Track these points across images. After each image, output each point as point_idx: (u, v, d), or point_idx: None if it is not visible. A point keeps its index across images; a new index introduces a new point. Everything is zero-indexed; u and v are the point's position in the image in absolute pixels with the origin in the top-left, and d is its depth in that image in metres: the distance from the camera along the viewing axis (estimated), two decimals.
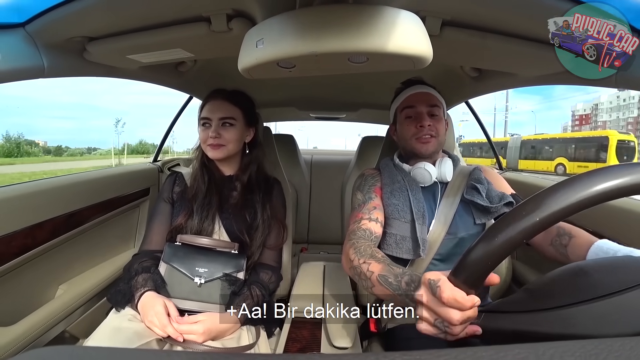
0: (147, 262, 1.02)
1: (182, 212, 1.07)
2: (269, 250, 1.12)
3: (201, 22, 0.78)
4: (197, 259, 0.99)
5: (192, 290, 0.96)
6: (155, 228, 1.09)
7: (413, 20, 0.60)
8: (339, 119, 2.45)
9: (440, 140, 1.06)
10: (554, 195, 0.42)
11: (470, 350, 0.22)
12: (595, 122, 64.76)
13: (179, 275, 0.97)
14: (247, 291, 0.98)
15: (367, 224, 0.94)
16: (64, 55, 0.86)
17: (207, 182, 1.10)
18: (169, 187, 1.14)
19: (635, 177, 0.40)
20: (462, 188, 1.02)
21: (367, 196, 1.03)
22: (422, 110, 1.05)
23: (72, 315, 1.10)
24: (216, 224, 1.07)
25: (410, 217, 0.96)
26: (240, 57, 0.67)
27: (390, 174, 1.07)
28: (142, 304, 0.90)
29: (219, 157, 1.10)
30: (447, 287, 0.51)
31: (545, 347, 0.22)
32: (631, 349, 0.21)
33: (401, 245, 0.95)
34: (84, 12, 0.72)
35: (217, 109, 1.09)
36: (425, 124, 1.03)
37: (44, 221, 1.02)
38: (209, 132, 1.07)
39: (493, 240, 0.44)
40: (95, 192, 1.25)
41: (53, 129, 78.36)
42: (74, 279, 1.18)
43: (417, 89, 1.09)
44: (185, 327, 0.87)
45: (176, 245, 1.02)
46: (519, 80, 1.10)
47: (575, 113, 74.69)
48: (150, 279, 0.95)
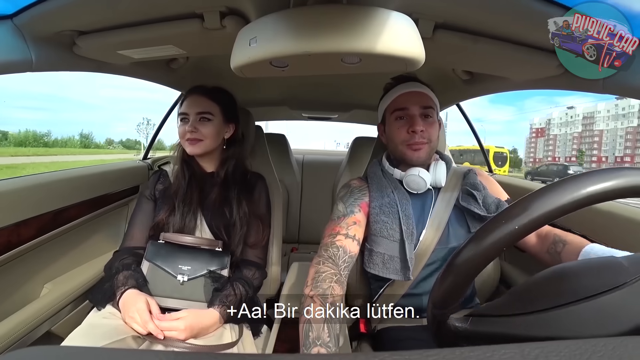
0: (128, 259, 1.01)
1: (163, 209, 1.06)
2: (252, 247, 1.11)
3: (194, 19, 0.78)
4: (180, 256, 0.99)
5: (174, 288, 0.96)
6: (137, 225, 1.09)
7: (406, 22, 0.60)
8: (331, 119, 2.45)
9: (433, 145, 0.99)
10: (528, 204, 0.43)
11: (458, 351, 0.23)
12: (548, 135, 75.71)
13: (161, 273, 0.97)
14: (230, 288, 0.97)
15: (342, 240, 0.89)
16: (53, 49, 0.84)
17: (188, 179, 1.09)
18: (152, 184, 1.14)
19: (617, 182, 0.41)
20: (457, 193, 0.98)
21: (349, 209, 0.96)
22: (415, 112, 0.97)
23: (57, 315, 1.08)
24: (198, 220, 1.07)
25: (400, 236, 0.92)
26: (233, 55, 0.67)
27: (380, 186, 1.00)
28: (123, 301, 0.89)
29: (196, 152, 1.09)
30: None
31: (530, 347, 0.22)
32: (614, 349, 0.22)
33: (389, 266, 0.92)
34: (75, 5, 0.71)
35: (195, 104, 1.09)
36: (418, 129, 0.95)
37: (29, 218, 1.00)
38: (187, 126, 1.07)
39: (480, 243, 0.45)
40: (83, 190, 1.23)
41: (18, 120, 76.28)
42: (59, 278, 1.16)
43: (410, 88, 1.00)
44: (166, 323, 0.86)
45: (159, 243, 1.02)
46: (510, 84, 1.11)
47: (532, 126, 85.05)
48: (131, 277, 0.95)
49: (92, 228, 1.30)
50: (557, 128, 74.84)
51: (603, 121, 65.10)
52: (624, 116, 61.50)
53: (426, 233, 0.95)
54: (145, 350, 0.79)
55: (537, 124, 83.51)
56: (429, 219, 0.96)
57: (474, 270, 0.46)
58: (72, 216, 1.18)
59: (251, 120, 1.37)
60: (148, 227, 1.08)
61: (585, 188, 0.40)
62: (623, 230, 0.91)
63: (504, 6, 0.67)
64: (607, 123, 64.35)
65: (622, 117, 61.97)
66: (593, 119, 65.89)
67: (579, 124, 67.16)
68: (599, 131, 65.21)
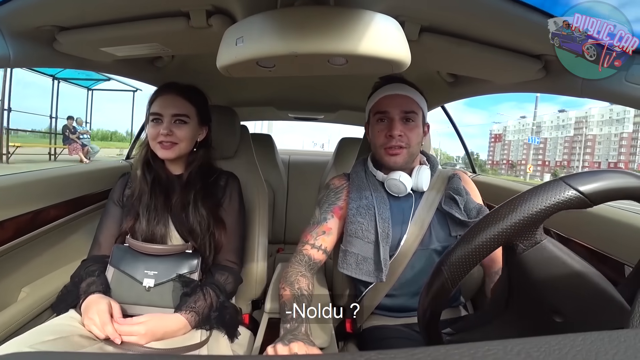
0: (93, 266, 0.96)
1: (128, 216, 1.01)
2: (222, 249, 1.06)
3: (180, 17, 0.77)
4: (146, 261, 0.94)
5: (140, 294, 0.91)
6: (105, 232, 1.03)
7: (392, 25, 0.61)
8: (317, 119, 2.45)
9: (413, 150, 0.98)
10: (525, 203, 0.45)
11: (443, 348, 0.23)
12: (504, 141, 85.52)
13: (127, 280, 0.92)
14: (199, 293, 0.92)
15: (309, 250, 0.97)
16: (32, 44, 0.82)
17: (151, 183, 1.02)
18: (120, 189, 1.07)
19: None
20: (440, 195, 0.99)
21: (322, 216, 1.01)
22: (395, 116, 0.95)
23: (35, 320, 1.05)
24: (169, 227, 1.01)
25: (375, 237, 0.93)
26: (219, 55, 0.66)
27: (360, 187, 1.00)
28: (85, 304, 0.85)
29: (170, 157, 1.02)
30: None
31: (513, 344, 0.23)
32: (591, 343, 0.22)
33: (362, 267, 0.93)
34: (55, 0, 0.69)
35: (169, 105, 1.01)
36: (395, 134, 0.94)
37: (5, 220, 0.96)
38: (160, 128, 0.99)
39: (471, 242, 0.46)
40: (63, 190, 1.19)
41: None
42: (38, 281, 1.12)
43: (393, 90, 0.98)
44: (126, 328, 0.81)
45: (124, 247, 0.97)
46: (494, 87, 1.14)
47: (492, 132, 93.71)
48: (94, 283, 0.90)
49: (72, 229, 1.27)
50: (510, 134, 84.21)
51: (547, 130, 75.85)
52: (563, 127, 72.52)
53: (408, 235, 0.95)
54: (125, 353, 0.77)
55: (496, 131, 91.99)
56: (411, 221, 0.97)
57: (466, 270, 0.48)
58: (51, 217, 1.14)
59: (237, 120, 1.36)
60: (116, 234, 1.02)
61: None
62: (619, 235, 0.91)
63: (487, 11, 0.69)
64: (550, 132, 75.15)
65: (562, 128, 72.86)
66: (540, 127, 76.03)
67: (529, 131, 76.03)
68: (544, 139, 75.93)
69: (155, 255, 0.96)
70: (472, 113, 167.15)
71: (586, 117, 67.15)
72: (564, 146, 72.03)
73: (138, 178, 1.03)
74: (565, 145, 71.75)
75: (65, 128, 10.63)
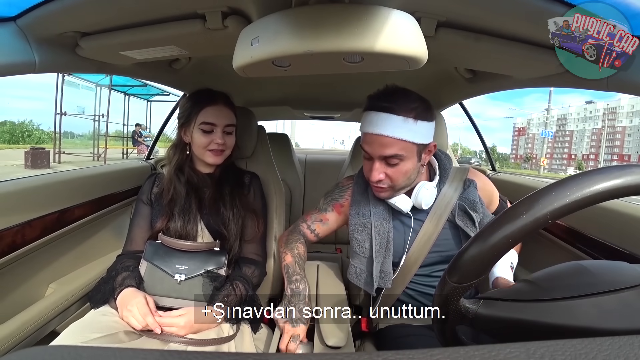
0: (128, 261, 1.03)
1: (160, 217, 1.06)
2: (249, 243, 1.13)
3: (196, 19, 0.78)
4: (178, 256, 1.01)
5: (172, 287, 0.97)
6: (137, 229, 1.10)
7: (409, 21, 0.60)
8: (333, 118, 2.45)
9: (399, 186, 0.91)
10: (547, 196, 0.43)
11: (462, 350, 0.23)
12: (528, 134, 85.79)
13: (159, 273, 0.98)
14: (229, 287, 0.99)
15: (304, 229, 1.09)
16: (56, 50, 0.85)
17: (185, 185, 1.08)
18: (148, 188, 1.14)
19: (627, 180, 0.40)
20: (454, 202, 0.94)
21: (324, 206, 1.08)
22: (375, 158, 0.88)
23: (62, 315, 1.09)
24: (199, 226, 1.07)
25: (369, 253, 0.96)
26: (235, 56, 0.67)
27: (359, 203, 0.99)
28: (121, 298, 0.91)
29: (219, 162, 1.11)
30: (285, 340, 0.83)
31: (536, 346, 0.22)
32: (620, 348, 0.21)
33: (360, 278, 0.98)
34: (77, 7, 0.71)
35: (222, 115, 1.08)
36: (373, 180, 0.89)
37: (33, 219, 1.00)
38: (214, 137, 1.06)
39: (488, 239, 0.44)
40: (86, 190, 1.23)
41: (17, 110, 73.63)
42: (64, 278, 1.16)
43: (376, 127, 0.85)
44: (167, 320, 0.88)
45: (157, 243, 1.04)
46: (513, 82, 1.10)
47: (515, 126, 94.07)
48: (129, 277, 0.96)
49: (95, 228, 1.31)
50: (535, 128, 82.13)
51: (574, 122, 75.13)
52: (590, 119, 70.86)
53: (414, 247, 0.95)
54: (152, 350, 0.79)
55: (519, 124, 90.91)
56: (419, 234, 0.95)
57: (507, 247, 0.45)
58: (75, 216, 1.18)
59: (253, 120, 1.37)
60: (148, 230, 1.09)
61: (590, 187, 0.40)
62: (631, 228, 0.91)
63: (505, 4, 0.67)
64: (576, 124, 74.43)
65: (589, 120, 71.32)
66: (566, 119, 75.59)
67: (554, 125, 76.19)
68: (570, 131, 75.34)
69: (186, 251, 1.02)
70: (495, 106, 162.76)
71: (615, 108, 65.73)
72: (591, 139, 70.99)
73: (171, 181, 1.09)
74: (593, 138, 70.57)
75: (134, 133, 13.14)
